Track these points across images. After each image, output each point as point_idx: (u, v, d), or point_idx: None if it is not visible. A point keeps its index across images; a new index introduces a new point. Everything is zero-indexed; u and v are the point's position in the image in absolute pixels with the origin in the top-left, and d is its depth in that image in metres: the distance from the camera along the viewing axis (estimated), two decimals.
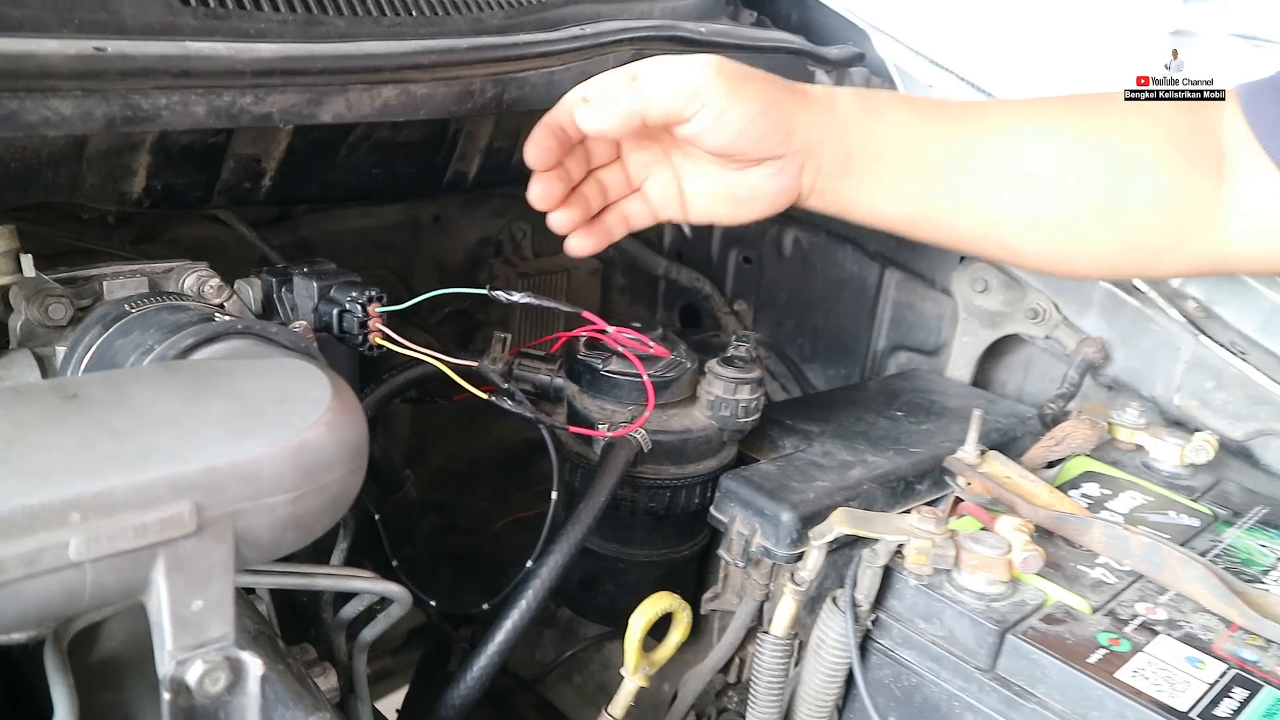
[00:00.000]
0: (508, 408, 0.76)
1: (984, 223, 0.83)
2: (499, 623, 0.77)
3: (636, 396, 0.91)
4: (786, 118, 0.79)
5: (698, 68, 0.77)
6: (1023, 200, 0.81)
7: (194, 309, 0.72)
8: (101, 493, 0.48)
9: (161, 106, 0.68)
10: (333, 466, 0.58)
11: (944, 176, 0.81)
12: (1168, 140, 0.83)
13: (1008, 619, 0.73)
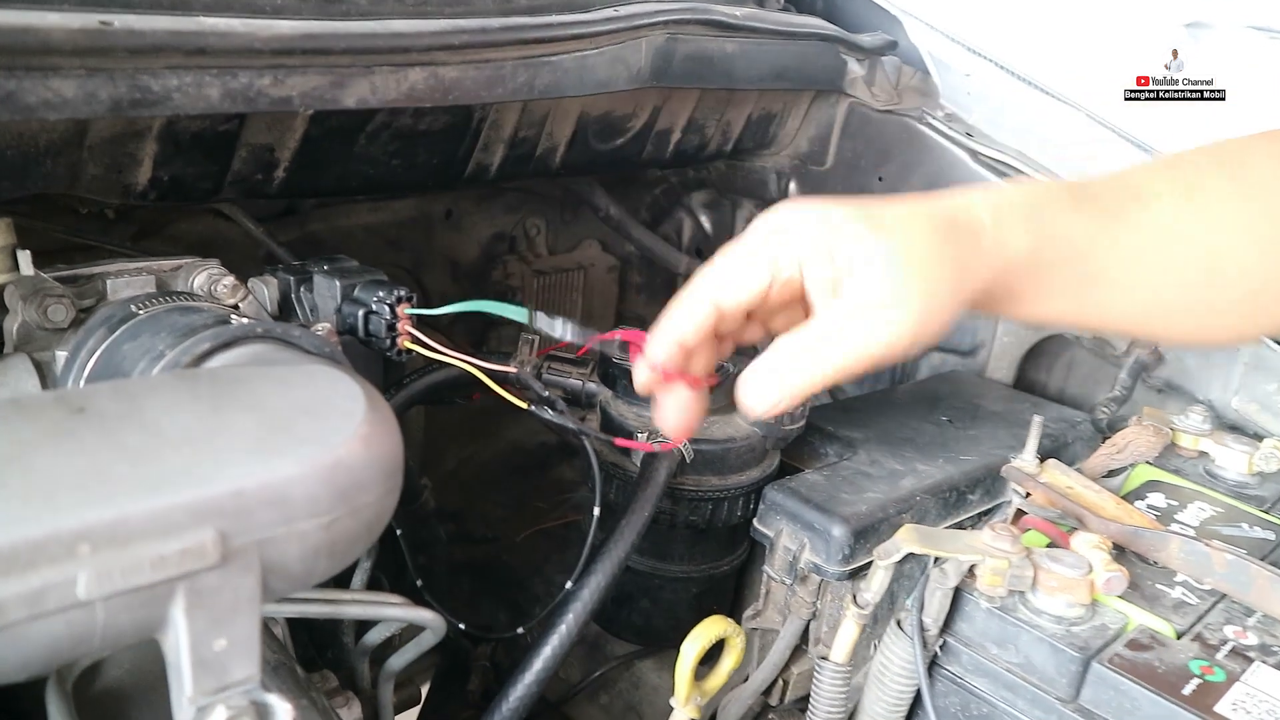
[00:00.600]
0: (549, 418, 0.70)
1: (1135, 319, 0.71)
2: (538, 648, 0.72)
3: None
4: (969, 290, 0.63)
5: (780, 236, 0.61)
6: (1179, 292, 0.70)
7: (207, 310, 0.66)
8: (114, 521, 0.42)
9: (173, 88, 0.62)
10: (369, 486, 0.52)
11: (1104, 285, 0.68)
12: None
13: (1090, 645, 0.67)
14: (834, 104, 1.27)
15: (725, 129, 1.21)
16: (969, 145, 1.19)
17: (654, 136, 1.13)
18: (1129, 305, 0.70)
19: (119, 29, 0.58)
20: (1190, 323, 0.72)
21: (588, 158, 1.08)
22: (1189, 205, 0.70)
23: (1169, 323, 0.72)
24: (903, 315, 0.59)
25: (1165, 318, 0.71)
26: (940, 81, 1.27)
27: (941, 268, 0.61)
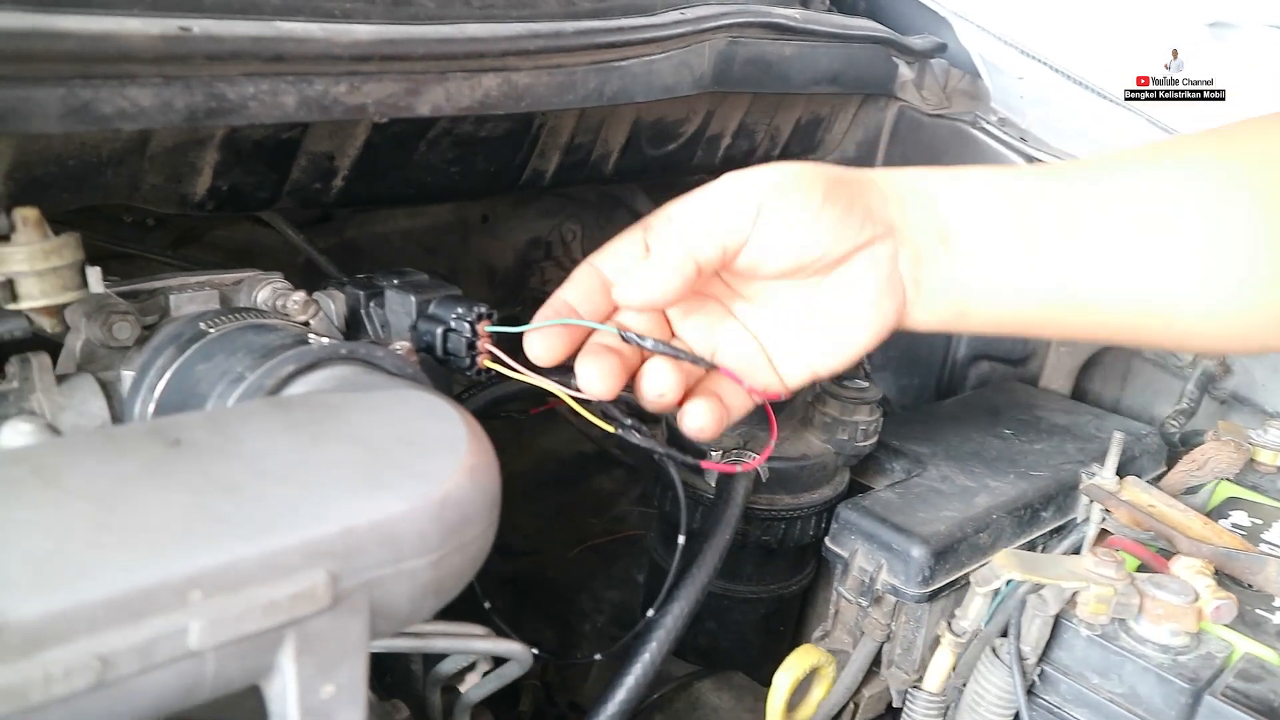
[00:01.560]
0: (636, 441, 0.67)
1: (1133, 292, 0.64)
2: (619, 679, 0.69)
3: (747, 418, 0.83)
4: (858, 195, 0.62)
5: (735, 180, 0.61)
6: (1176, 256, 0.63)
7: (282, 329, 0.63)
8: (225, 565, 0.40)
9: (248, 96, 0.59)
10: (475, 521, 0.49)
11: (1072, 236, 0.63)
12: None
13: (1200, 676, 0.65)
14: (883, 108, 1.24)
15: (774, 133, 1.18)
16: (1024, 150, 1.16)
17: (705, 141, 1.10)
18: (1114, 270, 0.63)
19: (199, 35, 0.55)
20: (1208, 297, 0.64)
21: (640, 163, 1.05)
22: (1156, 170, 0.65)
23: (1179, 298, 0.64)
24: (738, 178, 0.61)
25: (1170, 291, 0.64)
26: (991, 84, 1.24)
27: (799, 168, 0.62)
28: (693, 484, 0.84)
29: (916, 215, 0.64)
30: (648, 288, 0.60)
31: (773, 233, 0.60)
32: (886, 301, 0.63)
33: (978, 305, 0.65)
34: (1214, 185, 0.64)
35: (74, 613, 0.36)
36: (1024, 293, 0.64)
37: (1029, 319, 0.66)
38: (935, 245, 0.63)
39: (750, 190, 0.61)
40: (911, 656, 0.83)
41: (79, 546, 0.38)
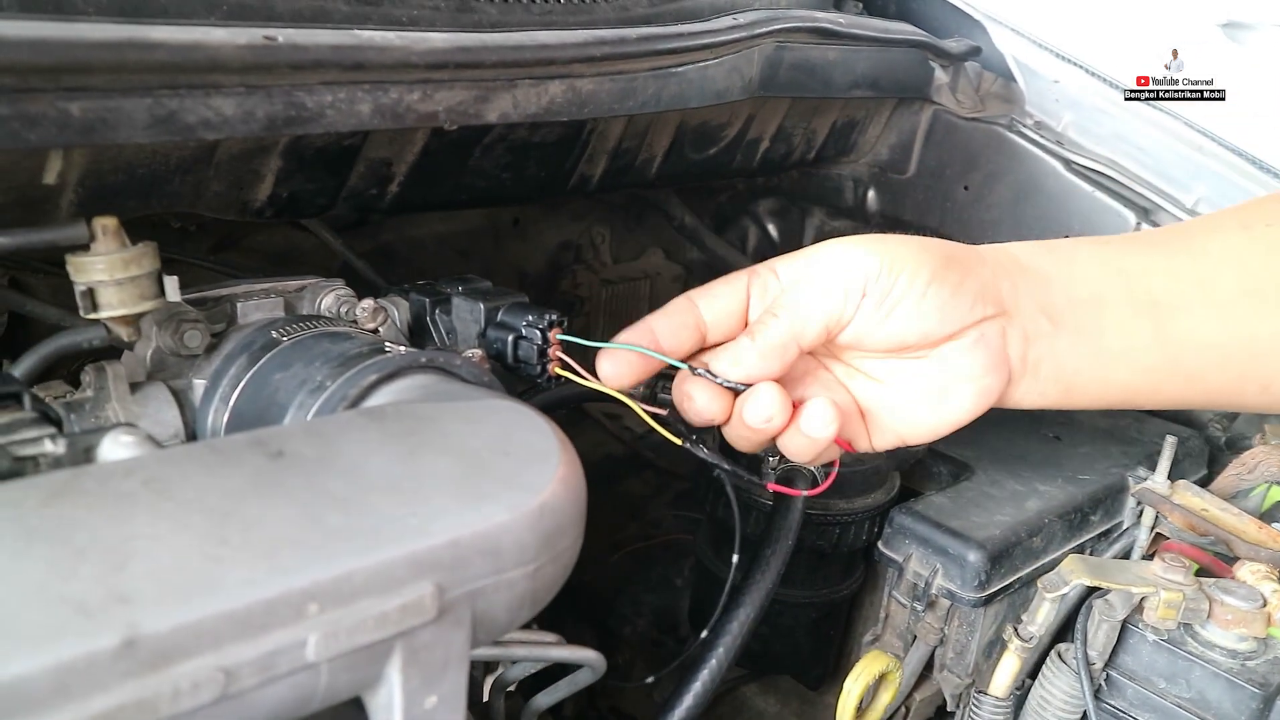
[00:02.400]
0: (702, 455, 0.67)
1: (1238, 357, 0.64)
2: (685, 687, 0.69)
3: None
4: (969, 274, 0.61)
5: (841, 256, 0.61)
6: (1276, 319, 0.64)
7: (356, 337, 0.63)
8: (340, 578, 0.40)
9: (326, 104, 0.59)
10: (568, 530, 0.49)
11: (1177, 309, 0.63)
12: None
13: (1270, 681, 0.65)
14: (917, 111, 1.24)
15: (810, 137, 1.19)
16: (1061, 154, 1.16)
17: (744, 146, 1.10)
18: (1219, 338, 0.64)
19: (283, 44, 0.55)
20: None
21: (681, 167, 1.05)
22: (1247, 234, 0.65)
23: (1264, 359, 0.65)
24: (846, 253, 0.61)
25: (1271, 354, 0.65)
26: (1026, 87, 1.24)
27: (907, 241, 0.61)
28: (747, 489, 0.84)
29: (1028, 295, 0.63)
30: (747, 369, 0.61)
31: (877, 313, 0.60)
32: (991, 380, 0.63)
33: (1085, 382, 0.65)
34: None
35: (200, 626, 0.36)
36: (1131, 365, 0.64)
37: (1133, 393, 0.66)
38: (1045, 324, 0.63)
39: (858, 270, 0.60)
40: (965, 660, 0.83)
41: (199, 560, 0.38)
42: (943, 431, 0.65)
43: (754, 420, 0.61)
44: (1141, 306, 0.63)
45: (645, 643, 1.08)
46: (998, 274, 0.63)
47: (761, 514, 0.81)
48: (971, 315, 0.61)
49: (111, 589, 0.36)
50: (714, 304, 0.64)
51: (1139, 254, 0.65)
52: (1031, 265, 0.64)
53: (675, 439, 0.66)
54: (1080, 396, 0.65)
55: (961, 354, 0.62)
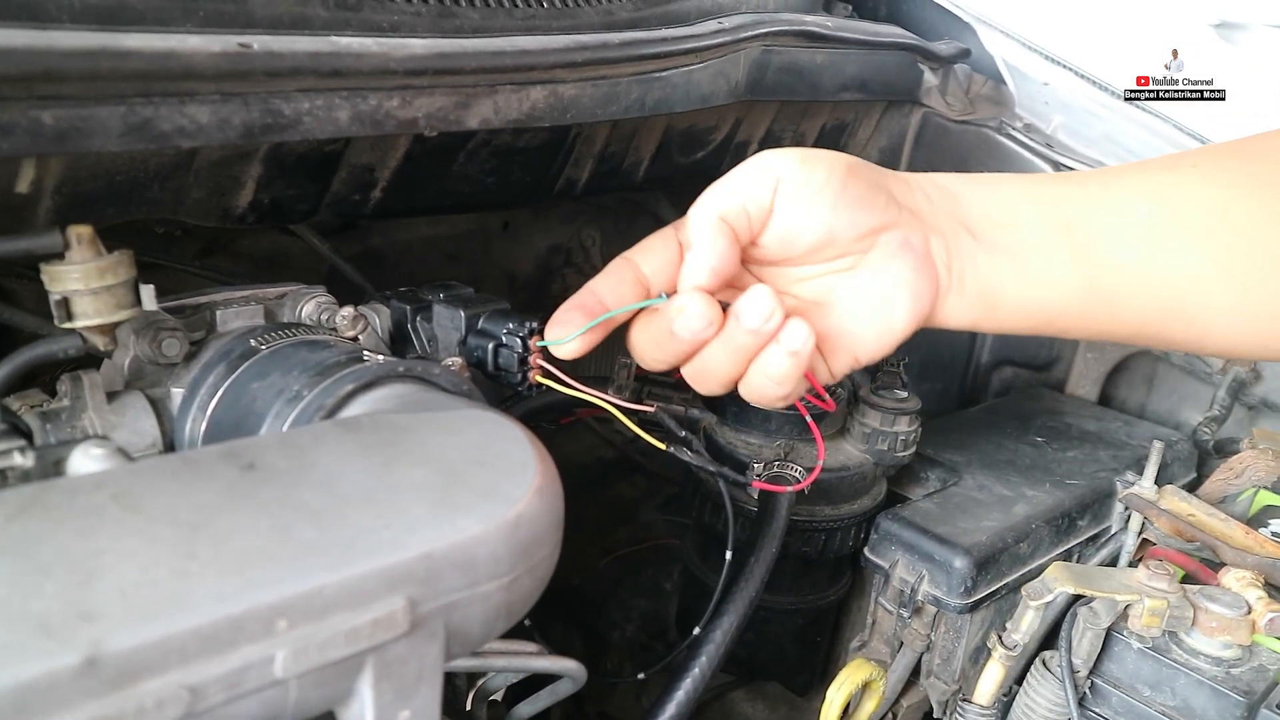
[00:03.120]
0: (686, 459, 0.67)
1: (1155, 289, 0.65)
2: (669, 694, 0.68)
3: (788, 429, 0.83)
4: (880, 180, 0.63)
5: (754, 157, 0.62)
6: (1198, 256, 0.64)
7: (335, 345, 0.62)
8: (310, 593, 0.40)
9: (304, 111, 0.59)
10: (545, 541, 0.49)
11: (1094, 236, 0.64)
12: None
13: (1254, 689, 0.65)
14: (907, 114, 1.24)
15: (799, 139, 1.18)
16: (1051, 156, 1.16)
17: (733, 149, 1.10)
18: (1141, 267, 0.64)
19: (258, 51, 0.54)
20: (1231, 296, 0.65)
21: (669, 171, 1.05)
22: (1171, 172, 0.66)
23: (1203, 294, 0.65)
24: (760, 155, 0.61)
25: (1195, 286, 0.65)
26: (1016, 90, 1.24)
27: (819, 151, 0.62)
28: (735, 497, 0.84)
29: (943, 208, 0.64)
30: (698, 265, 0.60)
31: (798, 205, 0.60)
32: (922, 283, 0.63)
33: (1009, 298, 0.65)
34: (1231, 189, 0.65)
35: (165, 644, 0.36)
36: (1054, 285, 0.64)
37: (1058, 315, 0.66)
38: (964, 237, 0.64)
39: (769, 162, 0.61)
40: (951, 667, 0.83)
41: (167, 575, 0.38)
42: (891, 342, 0.64)
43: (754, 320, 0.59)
44: (1056, 231, 0.64)
45: (634, 648, 1.08)
46: (913, 187, 0.64)
47: (748, 520, 0.81)
48: (888, 214, 0.62)
49: (75, 606, 0.35)
50: (649, 257, 0.64)
51: (1055, 185, 0.67)
52: (947, 185, 0.65)
53: (659, 444, 0.66)
54: (1005, 317, 0.65)
55: (890, 258, 0.62)
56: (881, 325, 0.64)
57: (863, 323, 0.64)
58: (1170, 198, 0.65)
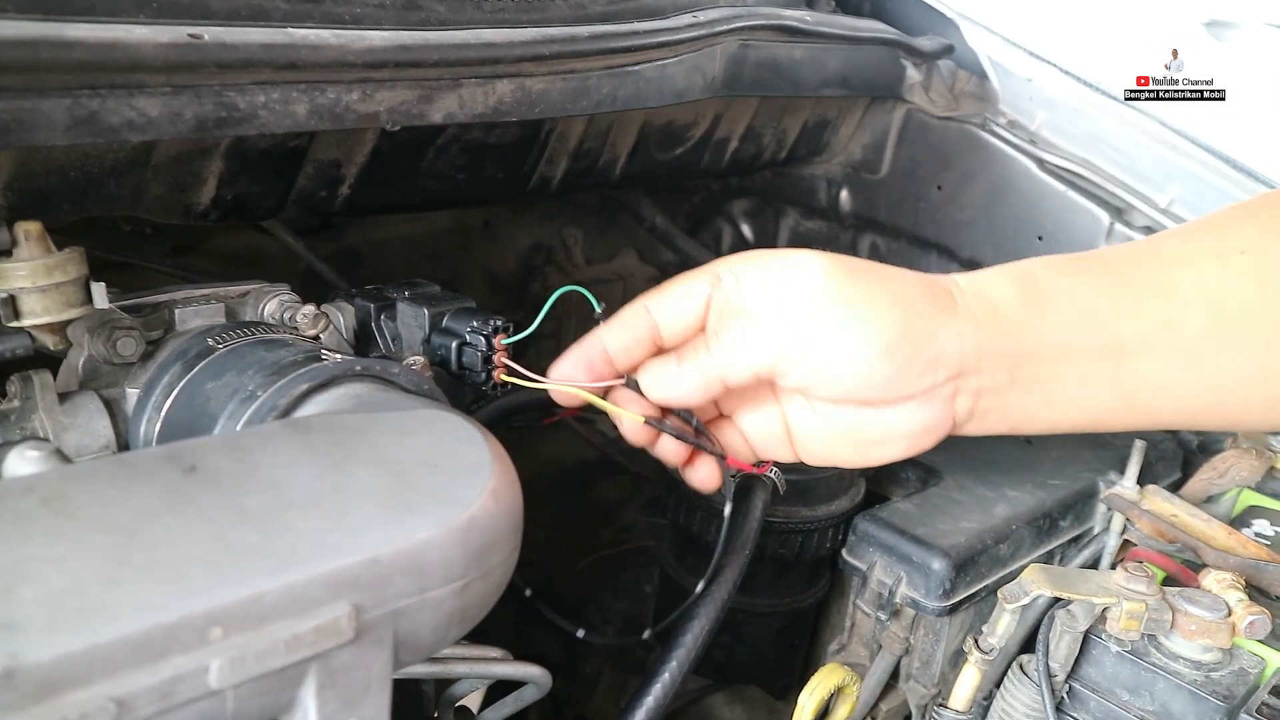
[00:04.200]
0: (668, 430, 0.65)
1: (1199, 396, 0.62)
2: (638, 700, 0.67)
3: None
4: (929, 342, 0.57)
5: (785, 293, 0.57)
6: (1242, 358, 0.60)
7: (293, 344, 0.61)
8: (248, 600, 0.38)
9: (259, 105, 0.57)
10: (500, 544, 0.48)
11: (1142, 353, 0.60)
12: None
13: (1234, 693, 0.64)
14: (890, 110, 1.23)
15: (781, 137, 1.17)
16: (1035, 153, 1.15)
17: (712, 146, 1.09)
18: (1182, 377, 0.61)
19: (210, 43, 0.53)
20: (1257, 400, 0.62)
21: (647, 168, 1.03)
22: (1220, 265, 0.61)
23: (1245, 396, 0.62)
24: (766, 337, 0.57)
25: (1239, 391, 0.61)
26: (1000, 86, 1.23)
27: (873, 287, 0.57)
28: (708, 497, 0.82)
29: (996, 354, 0.59)
30: (667, 392, 0.60)
31: (819, 378, 0.57)
32: (928, 437, 0.61)
33: (1033, 423, 0.62)
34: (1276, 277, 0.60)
35: (91, 654, 0.34)
36: (1085, 408, 0.61)
37: (1082, 427, 0.63)
38: (1002, 378, 0.60)
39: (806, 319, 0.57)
40: (930, 670, 0.82)
41: (96, 583, 0.36)
42: (873, 466, 0.65)
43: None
44: (1107, 352, 0.60)
45: (613, 651, 1.06)
46: (964, 333, 0.58)
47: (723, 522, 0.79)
48: (919, 384, 0.58)
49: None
50: (671, 312, 0.61)
51: (1111, 293, 0.61)
52: (1007, 316, 0.60)
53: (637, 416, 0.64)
54: (1025, 431, 0.63)
55: (904, 417, 0.59)
56: (868, 456, 0.63)
57: (851, 448, 0.63)
58: (1221, 300, 0.60)
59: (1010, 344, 0.59)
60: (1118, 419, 0.62)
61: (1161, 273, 0.62)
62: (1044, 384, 0.60)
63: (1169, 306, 0.60)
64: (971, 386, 0.59)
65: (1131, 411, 0.62)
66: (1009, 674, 0.69)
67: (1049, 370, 0.60)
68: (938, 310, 0.58)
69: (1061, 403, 0.60)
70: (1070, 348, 0.60)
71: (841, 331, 0.56)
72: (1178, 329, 0.60)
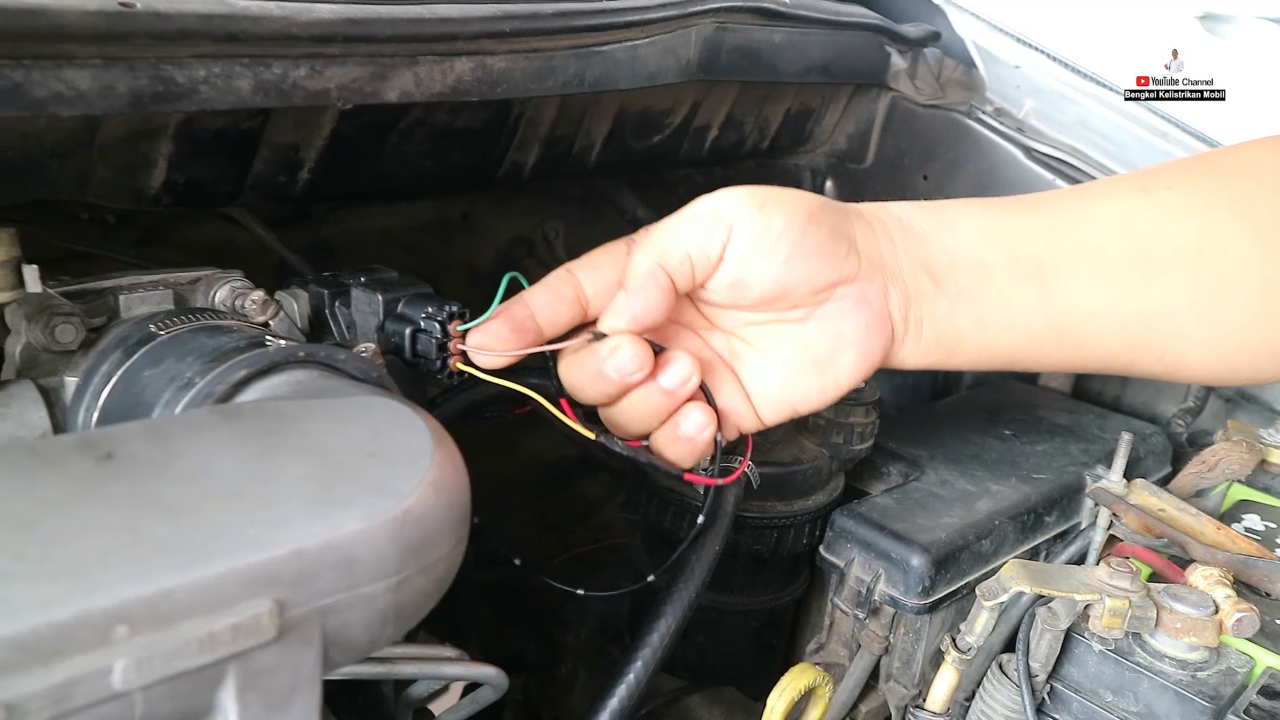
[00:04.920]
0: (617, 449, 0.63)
1: (1126, 326, 0.62)
2: (602, 701, 0.64)
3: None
4: (844, 225, 0.60)
5: (709, 196, 0.60)
6: (1171, 288, 0.61)
7: (237, 331, 0.58)
8: (156, 596, 0.36)
9: (199, 80, 0.55)
10: (441, 538, 0.45)
11: (1063, 274, 0.61)
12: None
13: (1221, 693, 0.61)
14: (875, 99, 1.20)
15: (763, 125, 1.14)
16: (1022, 141, 1.13)
17: (691, 133, 1.06)
18: (1108, 303, 0.62)
19: (142, 11, 0.50)
20: (1202, 330, 0.63)
21: (623, 156, 1.01)
22: (1145, 197, 0.64)
23: (1175, 330, 0.63)
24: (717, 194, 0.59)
25: (1167, 323, 0.63)
26: (986, 74, 1.20)
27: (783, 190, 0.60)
28: (681, 491, 0.80)
29: (909, 254, 0.62)
30: (631, 313, 0.58)
31: (750, 257, 0.58)
32: (874, 340, 0.61)
33: (968, 344, 0.63)
34: (1207, 214, 0.62)
35: None
36: (1016, 330, 0.62)
37: (1018, 355, 0.64)
38: (925, 283, 0.61)
39: (723, 208, 0.59)
40: (911, 670, 0.79)
41: None
42: (832, 396, 0.63)
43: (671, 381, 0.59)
44: (1025, 271, 0.61)
45: (589, 651, 1.04)
46: (877, 229, 0.61)
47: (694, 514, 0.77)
48: (846, 266, 0.59)
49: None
50: (594, 275, 0.62)
51: (1023, 216, 0.64)
52: (912, 224, 0.63)
53: (586, 431, 0.62)
54: (962, 357, 0.64)
55: (843, 315, 0.61)
56: (825, 380, 0.63)
57: (806, 376, 0.63)
58: (1144, 229, 0.62)
59: (923, 253, 0.61)
60: (1053, 347, 0.63)
61: (1079, 203, 0.64)
62: (969, 299, 0.61)
63: (1086, 234, 0.62)
64: (899, 288, 0.61)
65: (1064, 339, 0.63)
66: (988, 674, 0.67)
67: (970, 282, 0.61)
68: (845, 212, 0.61)
69: (991, 323, 0.62)
70: (985, 263, 0.61)
71: (767, 205, 0.58)
72: (1098, 253, 0.61)
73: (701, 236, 0.58)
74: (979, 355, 0.63)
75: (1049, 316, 0.61)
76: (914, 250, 0.61)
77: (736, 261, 0.58)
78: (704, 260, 0.58)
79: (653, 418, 0.61)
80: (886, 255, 0.61)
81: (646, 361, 0.58)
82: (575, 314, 0.61)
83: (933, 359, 0.63)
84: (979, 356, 0.63)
